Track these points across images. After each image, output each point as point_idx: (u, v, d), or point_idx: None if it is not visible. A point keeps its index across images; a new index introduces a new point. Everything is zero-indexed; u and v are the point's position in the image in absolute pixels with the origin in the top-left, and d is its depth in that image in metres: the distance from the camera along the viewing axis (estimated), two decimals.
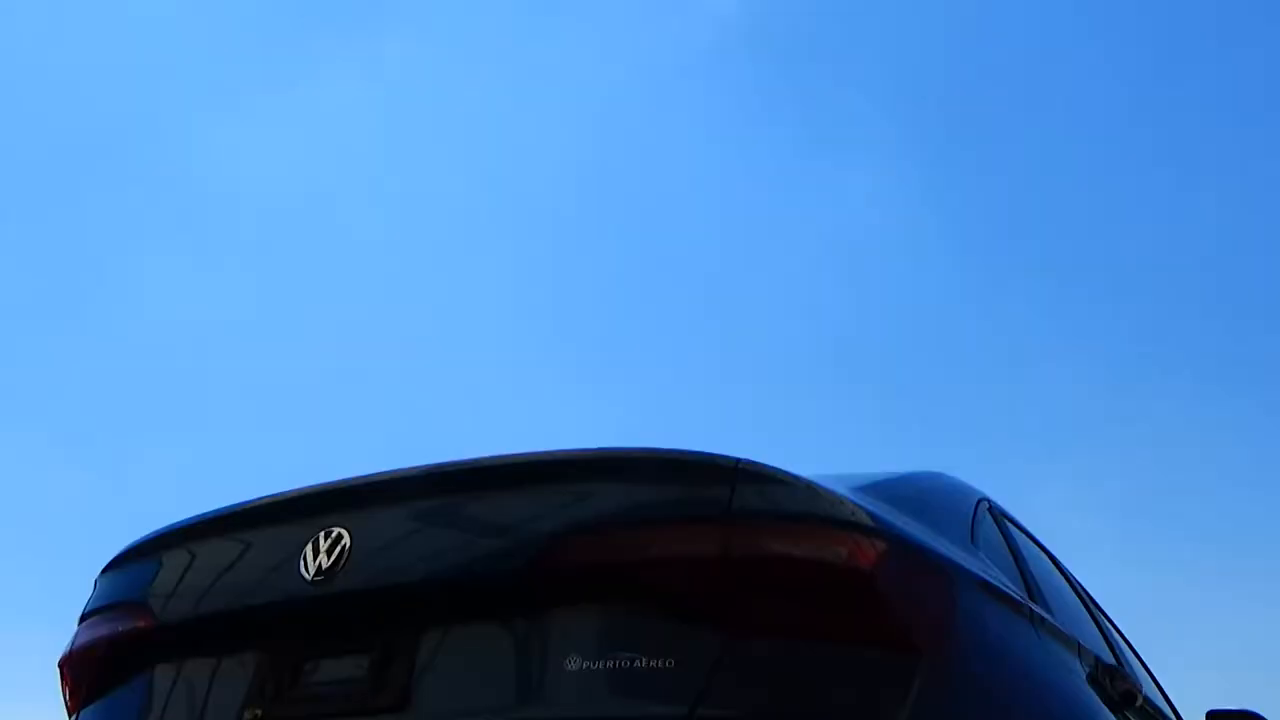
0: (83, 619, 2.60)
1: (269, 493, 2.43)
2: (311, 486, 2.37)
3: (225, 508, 2.48)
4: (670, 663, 1.90)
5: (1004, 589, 2.51)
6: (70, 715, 2.54)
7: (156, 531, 2.56)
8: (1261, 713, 4.56)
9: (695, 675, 1.88)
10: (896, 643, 1.94)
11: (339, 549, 2.18)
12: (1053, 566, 3.63)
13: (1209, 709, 4.63)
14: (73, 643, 2.58)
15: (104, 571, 2.64)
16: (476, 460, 2.24)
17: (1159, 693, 4.21)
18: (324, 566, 2.18)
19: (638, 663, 1.91)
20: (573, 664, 1.94)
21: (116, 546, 2.64)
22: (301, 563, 2.21)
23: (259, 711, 2.16)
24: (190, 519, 2.52)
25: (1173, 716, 4.12)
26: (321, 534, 2.22)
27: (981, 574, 2.41)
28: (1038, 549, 3.52)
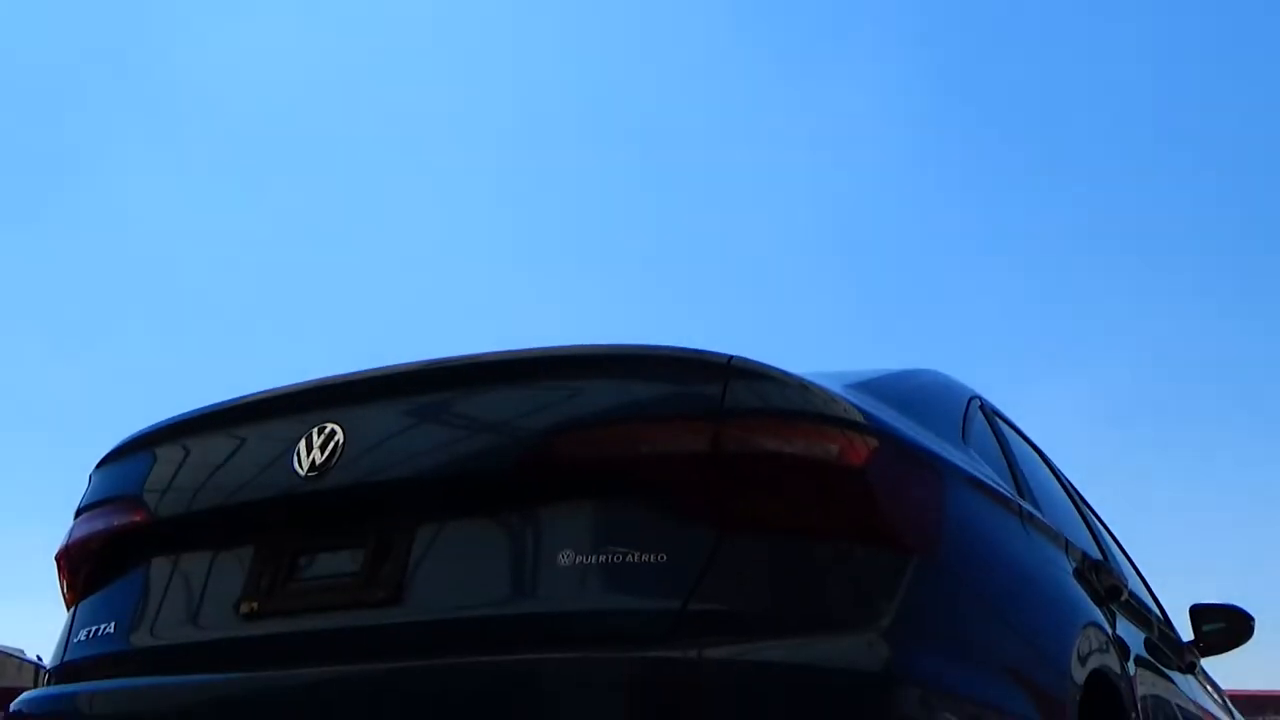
0: (78, 514, 2.62)
1: (261, 389, 2.43)
2: (304, 382, 2.37)
3: (218, 403, 2.49)
4: (662, 558, 1.91)
5: (994, 486, 2.53)
6: (69, 607, 2.56)
7: (150, 427, 2.57)
8: (1243, 608, 4.65)
9: (687, 570, 1.89)
10: (887, 539, 1.96)
11: (332, 444, 2.19)
12: (1042, 464, 3.65)
13: (1192, 603, 4.72)
14: (69, 537, 2.60)
15: (98, 466, 2.65)
16: (469, 357, 2.23)
17: (1144, 587, 4.28)
18: (317, 462, 2.19)
19: (630, 558, 1.93)
20: (565, 559, 1.96)
21: (109, 441, 2.65)
22: (295, 458, 2.22)
23: (255, 605, 2.19)
24: (183, 414, 2.52)
25: (1157, 610, 4.19)
26: (314, 430, 2.23)
27: (972, 471, 2.43)
28: (1028, 446, 3.55)
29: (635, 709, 1.79)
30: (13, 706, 2.40)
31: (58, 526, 2.66)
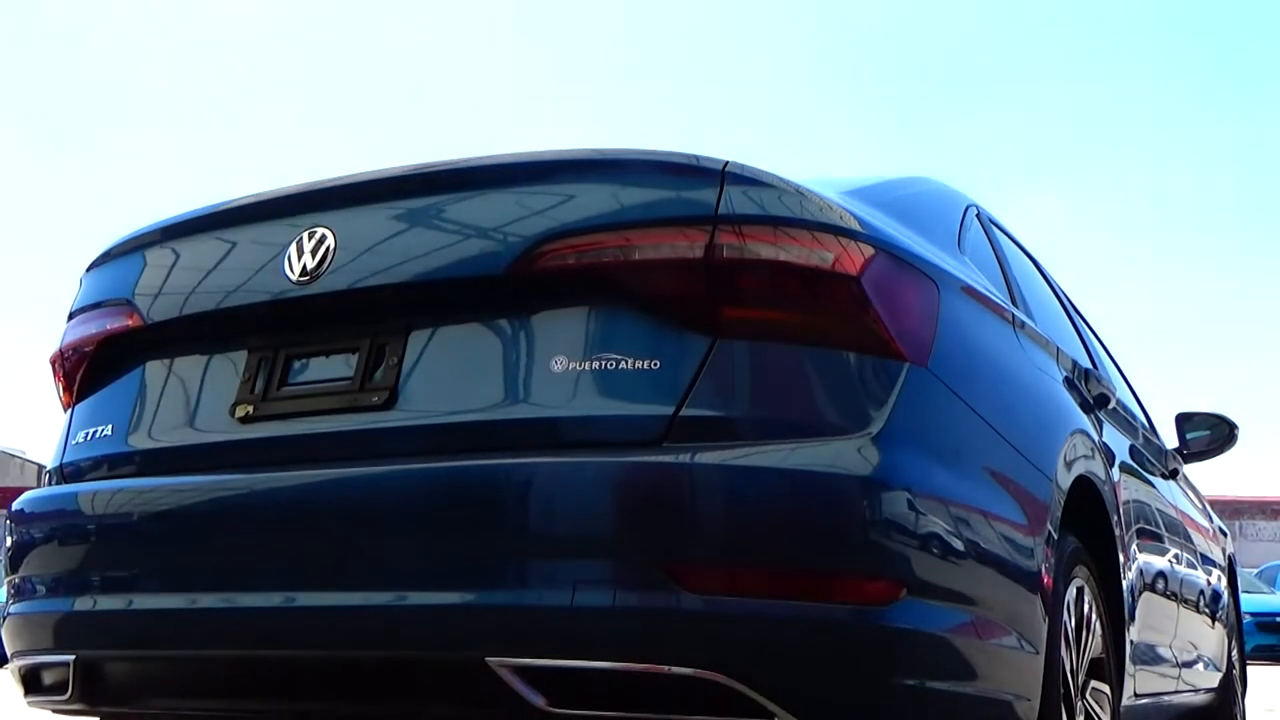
0: (71, 316, 2.61)
1: (252, 192, 2.40)
2: (293, 186, 2.34)
3: (207, 207, 2.46)
4: (655, 364, 1.92)
5: (988, 295, 2.53)
6: (66, 409, 2.58)
7: (140, 230, 2.55)
8: (1227, 416, 4.71)
9: (680, 376, 1.90)
10: (880, 347, 1.96)
11: (323, 249, 2.18)
12: (1037, 273, 3.65)
13: (1178, 411, 4.78)
14: (62, 339, 2.60)
15: (89, 269, 2.63)
16: (460, 161, 2.20)
17: (1132, 396, 4.32)
18: (308, 267, 2.17)
19: (623, 364, 1.93)
20: (558, 365, 1.97)
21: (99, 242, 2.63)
22: (285, 263, 2.20)
23: (250, 409, 2.20)
24: (172, 218, 2.49)
25: (1143, 418, 4.24)
26: (305, 234, 2.21)
27: (967, 280, 2.42)
28: (1023, 255, 3.54)
29: (627, 513, 1.82)
30: (14, 505, 2.44)
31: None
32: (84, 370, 2.52)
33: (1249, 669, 6.86)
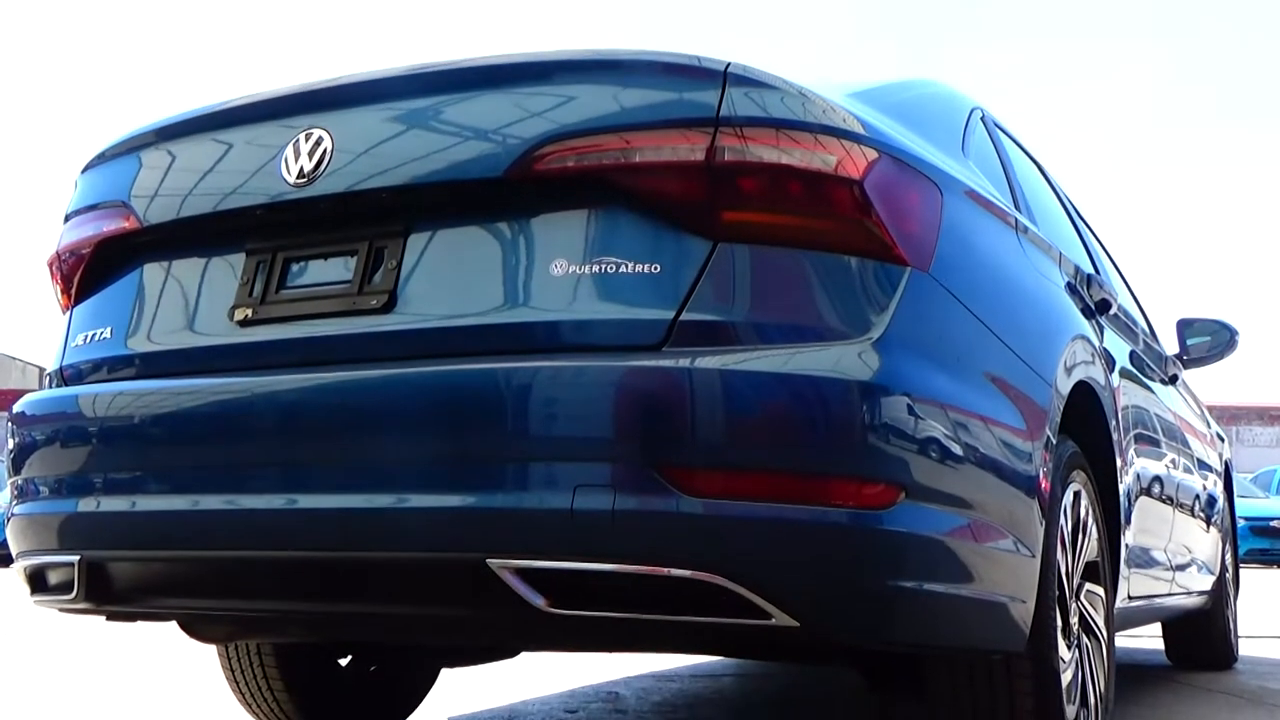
0: (67, 218, 2.60)
1: (247, 94, 2.37)
2: (289, 87, 2.31)
3: (202, 108, 2.43)
4: (655, 268, 1.91)
5: (991, 199, 2.51)
6: (64, 311, 2.58)
7: (134, 131, 2.52)
8: (1228, 322, 4.72)
9: (680, 280, 1.89)
10: (882, 251, 1.95)
11: (320, 151, 2.16)
12: (1040, 177, 3.62)
13: (1179, 318, 4.78)
14: (59, 242, 2.59)
15: (84, 170, 2.61)
16: (459, 61, 2.17)
17: (1134, 302, 4.32)
18: (306, 169, 2.16)
19: (623, 268, 1.92)
20: (558, 268, 1.96)
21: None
22: (283, 165, 2.19)
23: (249, 312, 2.20)
24: (167, 119, 2.47)
25: (1144, 323, 4.24)
26: (301, 136, 2.19)
27: (970, 184, 2.40)
28: (1027, 160, 3.51)
29: (627, 416, 1.82)
30: (15, 407, 2.45)
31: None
32: (81, 273, 2.52)
33: (1242, 572, 6.95)
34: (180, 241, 2.38)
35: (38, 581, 2.40)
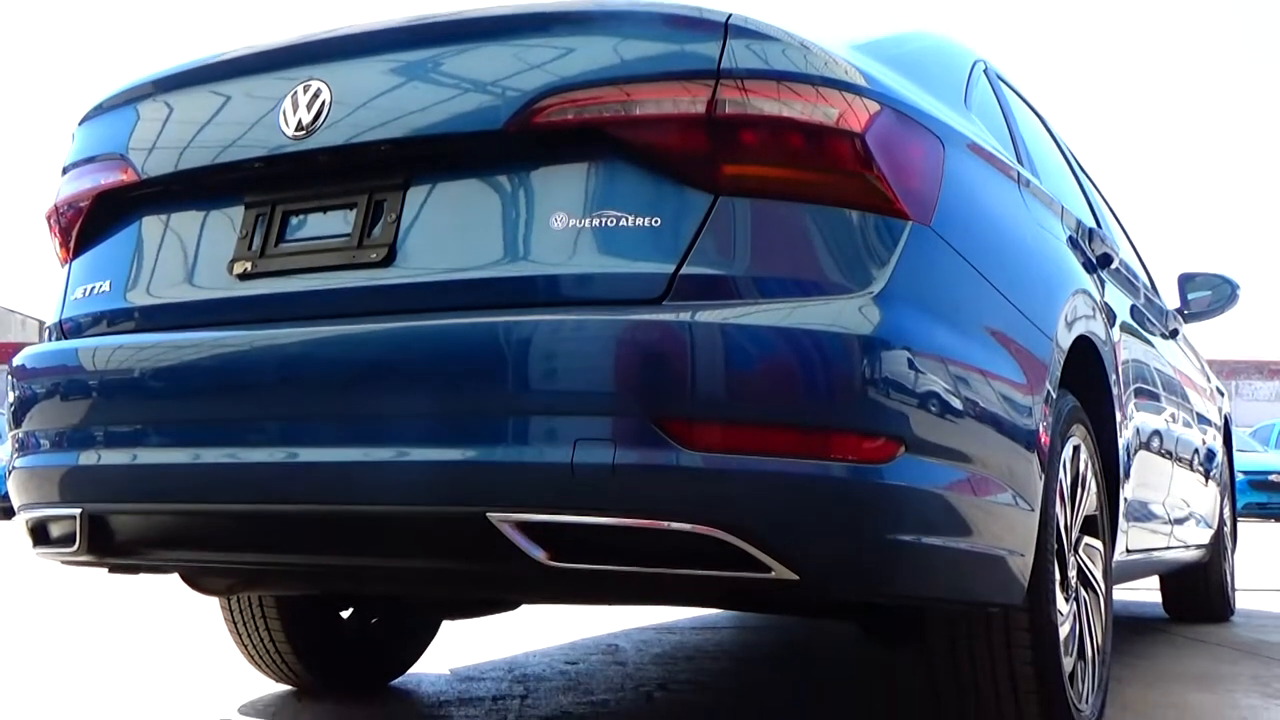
0: (64, 171, 2.59)
1: (245, 45, 2.35)
2: (287, 39, 2.29)
3: (200, 59, 2.41)
4: (656, 222, 1.91)
5: (994, 152, 2.50)
6: (63, 265, 2.57)
7: (131, 83, 2.51)
8: (1229, 276, 4.71)
9: (680, 234, 1.89)
10: (884, 205, 1.94)
11: (318, 103, 2.15)
12: (1043, 130, 3.60)
13: (1181, 272, 4.78)
14: (57, 194, 2.58)
15: (81, 122, 2.60)
16: (458, 12, 2.15)
17: (1135, 256, 4.31)
18: (304, 122, 2.15)
19: (623, 221, 1.92)
20: (558, 222, 1.95)
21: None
22: (281, 117, 2.18)
23: (248, 266, 2.19)
24: (164, 70, 2.45)
25: (1145, 277, 4.23)
26: (300, 88, 2.18)
27: (973, 137, 2.39)
28: (1030, 112, 3.49)
29: (627, 370, 1.82)
30: (15, 361, 2.45)
31: None
32: (80, 226, 2.51)
33: (1240, 526, 6.98)
34: (178, 194, 2.37)
35: (40, 534, 2.41)
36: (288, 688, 3.25)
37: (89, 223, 2.50)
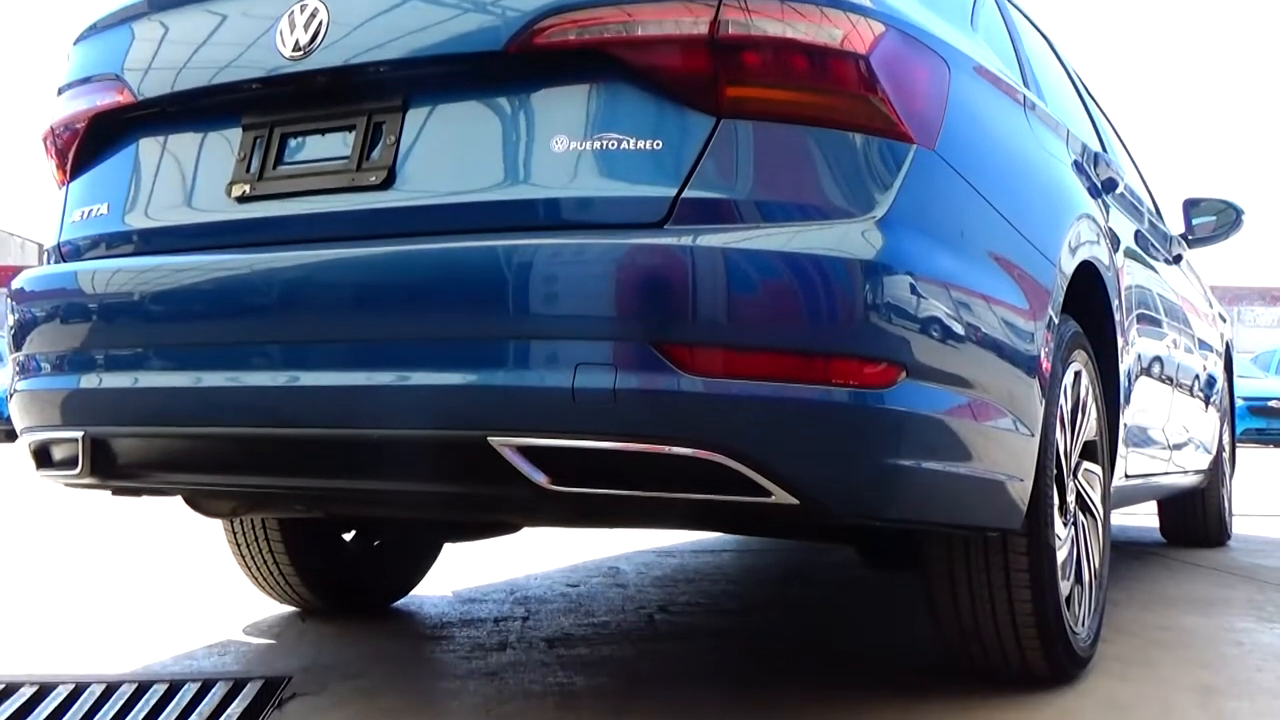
0: (60, 92, 2.56)
1: None
2: None
3: None
4: (657, 144, 1.89)
5: (1000, 75, 2.47)
6: (60, 187, 2.55)
7: (128, 1, 2.47)
8: (1234, 201, 4.68)
9: (682, 157, 1.87)
10: (888, 129, 1.92)
11: (315, 23, 2.12)
12: (1050, 53, 3.56)
13: (1186, 197, 4.75)
14: (53, 116, 2.55)
15: (76, 42, 2.57)
16: None
17: (1140, 180, 4.28)
18: (301, 42, 2.12)
19: (624, 144, 1.90)
20: (559, 144, 1.93)
21: None
22: (278, 37, 2.15)
23: (246, 188, 2.18)
24: None
25: (1149, 202, 4.21)
26: (297, 7, 2.15)
27: (978, 59, 2.36)
28: (1037, 34, 3.45)
29: (629, 295, 1.81)
30: (14, 284, 2.44)
31: None
32: (76, 148, 2.49)
33: (1239, 451, 7.01)
34: (175, 116, 2.35)
35: (43, 457, 2.42)
36: (292, 609, 3.29)
37: (85, 144, 2.47)
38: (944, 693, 2.38)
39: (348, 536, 3.29)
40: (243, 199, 2.18)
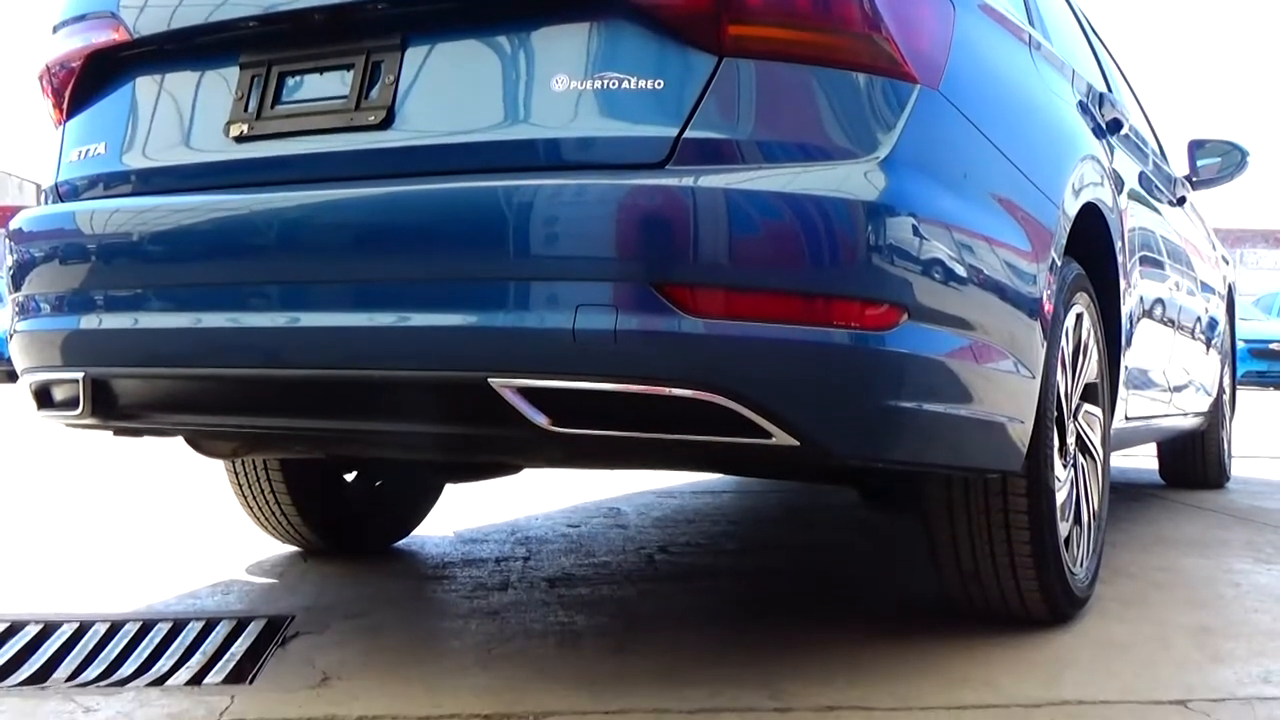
0: (55, 30, 2.53)
1: None
2: None
3: None
4: (659, 84, 1.87)
5: (1005, 14, 2.44)
6: (57, 126, 2.53)
7: None
8: (1239, 143, 4.65)
9: (684, 97, 1.85)
10: (891, 69, 1.90)
11: None
12: None
13: (1191, 138, 4.72)
14: (48, 54, 2.53)
15: None
16: None
17: (1145, 121, 4.25)
18: None
19: (625, 84, 1.88)
20: (559, 84, 1.91)
21: None
22: None
23: (245, 128, 2.16)
24: None
25: (1154, 143, 4.18)
26: None
27: None
28: None
29: (630, 236, 1.80)
30: (12, 224, 2.43)
31: None
32: (73, 87, 2.46)
33: (1239, 393, 7.02)
34: (172, 54, 2.33)
35: (44, 397, 2.42)
36: (294, 549, 3.31)
37: (82, 83, 2.45)
38: (943, 633, 2.40)
39: (349, 477, 3.30)
40: (241, 139, 2.16)
